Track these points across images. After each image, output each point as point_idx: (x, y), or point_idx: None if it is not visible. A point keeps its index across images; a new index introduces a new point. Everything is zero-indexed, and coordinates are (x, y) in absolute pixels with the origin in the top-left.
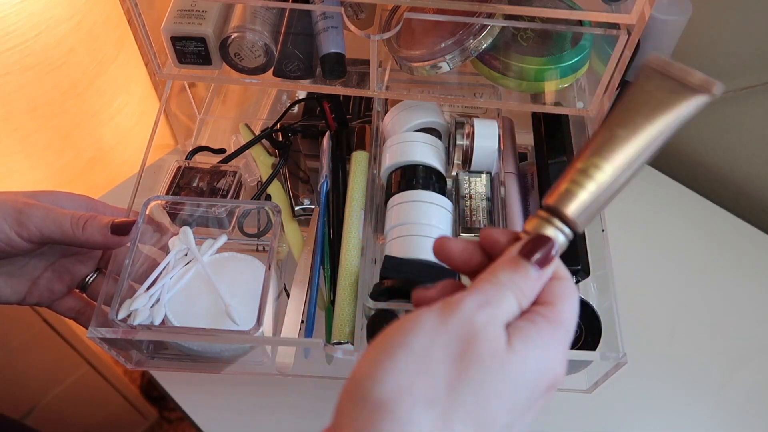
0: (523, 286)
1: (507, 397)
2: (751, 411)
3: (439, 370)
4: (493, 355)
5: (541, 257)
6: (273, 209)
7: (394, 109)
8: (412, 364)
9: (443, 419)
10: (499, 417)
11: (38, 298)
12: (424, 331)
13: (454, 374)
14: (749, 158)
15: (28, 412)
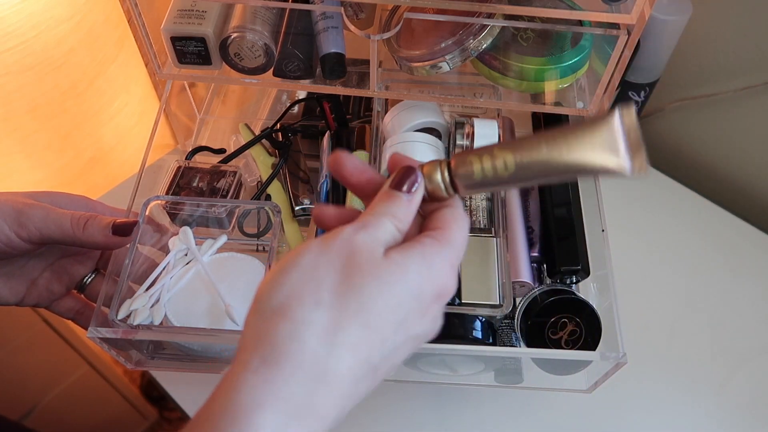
0: (395, 211)
1: (390, 301)
2: (751, 411)
3: (324, 278)
4: (371, 264)
5: (409, 184)
6: (273, 209)
7: (394, 109)
8: (302, 275)
9: (333, 320)
10: (387, 318)
11: (37, 299)
12: (310, 251)
13: (338, 281)
14: (749, 158)
15: (28, 412)
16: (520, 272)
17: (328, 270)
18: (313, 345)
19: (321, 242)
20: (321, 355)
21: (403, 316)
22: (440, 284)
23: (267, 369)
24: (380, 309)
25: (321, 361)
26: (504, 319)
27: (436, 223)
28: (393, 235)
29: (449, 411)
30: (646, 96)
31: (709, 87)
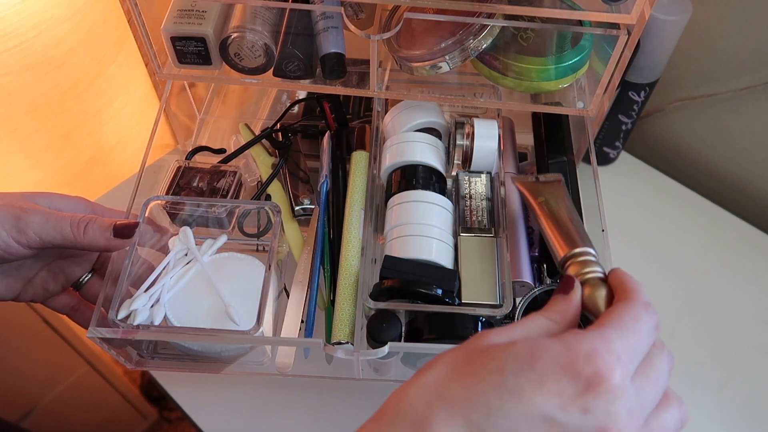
0: (550, 307)
1: (490, 364)
2: (751, 411)
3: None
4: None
5: (566, 287)
6: (273, 209)
7: (394, 109)
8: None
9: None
10: (485, 378)
11: (32, 296)
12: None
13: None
14: (749, 158)
15: (28, 412)
16: (520, 272)
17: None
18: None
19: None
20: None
21: (508, 378)
22: (564, 357)
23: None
24: (481, 373)
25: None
26: (504, 319)
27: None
28: (543, 325)
29: None
30: (646, 96)
31: (709, 87)
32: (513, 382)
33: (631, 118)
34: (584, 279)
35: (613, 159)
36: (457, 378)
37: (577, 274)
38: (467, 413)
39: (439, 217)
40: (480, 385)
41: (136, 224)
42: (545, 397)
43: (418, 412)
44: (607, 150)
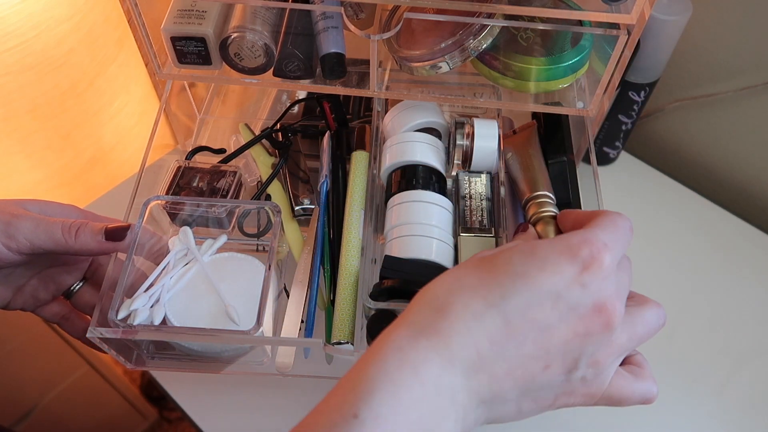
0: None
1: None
2: (751, 411)
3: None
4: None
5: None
6: (273, 209)
7: (394, 109)
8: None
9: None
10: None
11: (22, 304)
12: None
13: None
14: (749, 158)
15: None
16: None
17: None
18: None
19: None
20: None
21: (516, 267)
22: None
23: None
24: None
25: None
26: None
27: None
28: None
29: None
30: (646, 96)
31: (709, 87)
32: (521, 268)
33: (631, 118)
34: (539, 217)
35: (613, 159)
36: (472, 273)
37: (534, 213)
38: (484, 295)
39: (439, 217)
40: (492, 275)
41: (127, 227)
42: (549, 278)
43: (440, 300)
44: (607, 150)
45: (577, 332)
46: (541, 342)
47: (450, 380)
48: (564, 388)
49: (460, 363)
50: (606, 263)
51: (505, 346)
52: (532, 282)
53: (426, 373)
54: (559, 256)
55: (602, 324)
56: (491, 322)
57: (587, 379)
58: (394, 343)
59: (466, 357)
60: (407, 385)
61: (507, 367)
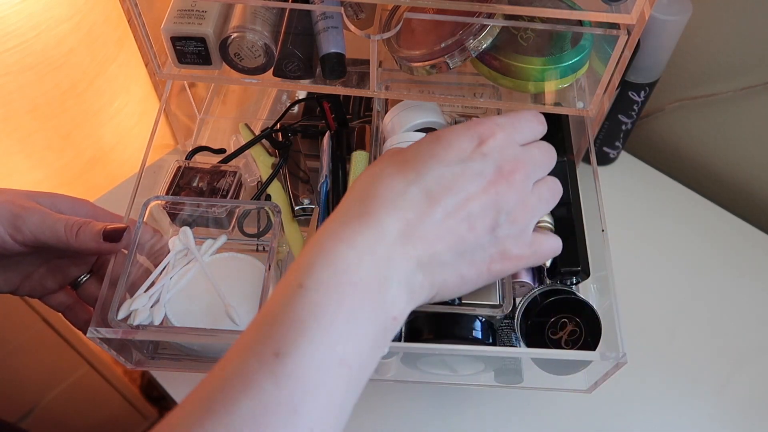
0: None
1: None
2: (751, 411)
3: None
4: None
5: None
6: (273, 209)
7: (394, 109)
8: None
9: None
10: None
11: (29, 290)
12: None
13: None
14: (749, 158)
15: (28, 412)
16: (520, 272)
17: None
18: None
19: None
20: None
21: (423, 150)
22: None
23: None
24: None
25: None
26: (504, 319)
27: None
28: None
29: (449, 411)
30: (646, 96)
31: (709, 87)
32: (428, 150)
33: (631, 118)
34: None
35: (613, 159)
36: (389, 164)
37: None
38: (404, 175)
39: None
40: (406, 160)
41: (125, 228)
42: (454, 152)
43: (365, 189)
44: (607, 150)
45: (488, 193)
46: (460, 205)
47: (384, 248)
48: (495, 247)
49: (391, 233)
50: (499, 136)
51: (430, 213)
52: (440, 158)
53: (360, 244)
54: (459, 135)
55: (506, 184)
56: (413, 195)
57: (511, 236)
58: (327, 231)
59: (396, 228)
60: (344, 255)
61: (436, 231)
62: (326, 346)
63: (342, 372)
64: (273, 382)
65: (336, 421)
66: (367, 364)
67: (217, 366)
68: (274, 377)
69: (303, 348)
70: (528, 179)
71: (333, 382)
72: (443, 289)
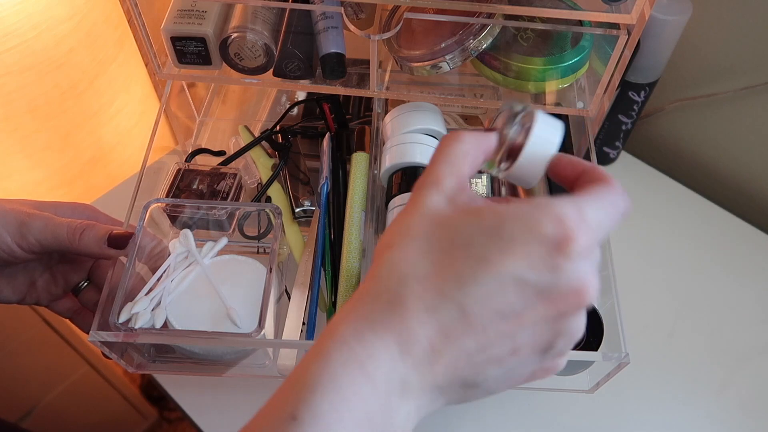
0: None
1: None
2: (751, 411)
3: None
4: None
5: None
6: (273, 211)
7: (394, 111)
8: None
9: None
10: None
11: (36, 298)
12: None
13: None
14: (749, 158)
15: (28, 412)
16: None
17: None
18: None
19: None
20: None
21: (477, 249)
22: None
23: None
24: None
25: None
26: None
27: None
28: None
29: (450, 411)
30: (646, 96)
31: (709, 87)
32: (480, 251)
33: (631, 118)
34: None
35: (613, 159)
36: (426, 256)
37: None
38: (440, 285)
39: None
40: (449, 260)
41: (130, 235)
42: (514, 261)
43: (391, 291)
44: (607, 150)
45: (548, 316)
46: (505, 330)
47: (400, 375)
48: (541, 365)
49: (412, 358)
50: (583, 240)
51: (462, 338)
52: (494, 268)
53: (373, 368)
54: (529, 235)
55: (577, 304)
56: (446, 314)
57: (563, 351)
58: (341, 338)
59: (418, 351)
60: (352, 381)
61: (466, 356)
62: None
63: None
64: None
65: None
66: None
67: None
68: None
69: None
70: (596, 290)
71: None
72: (462, 401)
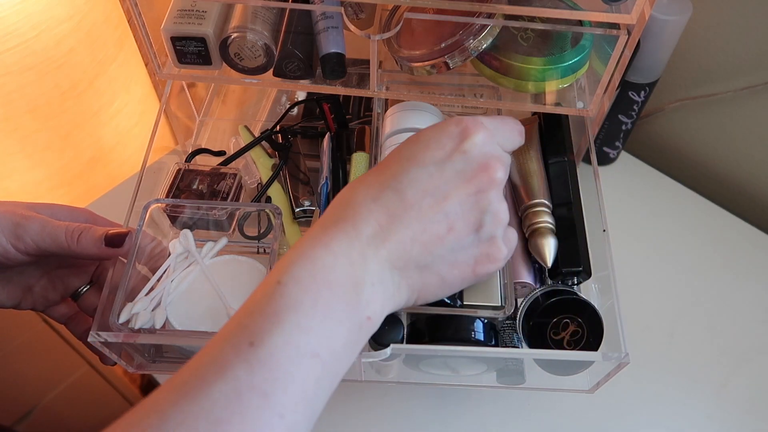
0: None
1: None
2: (751, 411)
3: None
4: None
5: None
6: (273, 211)
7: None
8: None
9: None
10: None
11: (32, 304)
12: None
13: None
14: (749, 158)
15: (28, 412)
16: (521, 273)
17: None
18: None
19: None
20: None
21: (403, 154)
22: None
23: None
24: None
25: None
26: (506, 320)
27: None
28: None
29: (451, 412)
30: (646, 96)
31: (709, 87)
32: (407, 153)
33: (631, 118)
34: (534, 228)
35: (613, 159)
36: (370, 173)
37: (530, 223)
38: (381, 181)
39: None
40: (385, 166)
41: (126, 233)
42: (433, 153)
43: (344, 198)
44: (607, 150)
45: (469, 192)
46: (438, 206)
47: (358, 251)
48: (479, 248)
49: (366, 237)
50: (481, 133)
51: (404, 216)
52: (418, 161)
53: (336, 247)
54: (439, 133)
55: (488, 180)
56: (387, 199)
57: (497, 237)
58: (309, 236)
59: (369, 232)
60: (320, 256)
61: (411, 234)
62: (299, 338)
63: (314, 364)
64: (246, 369)
65: (306, 411)
66: (340, 360)
67: (196, 355)
68: (248, 364)
69: (276, 338)
70: (503, 171)
71: (304, 373)
72: (424, 291)
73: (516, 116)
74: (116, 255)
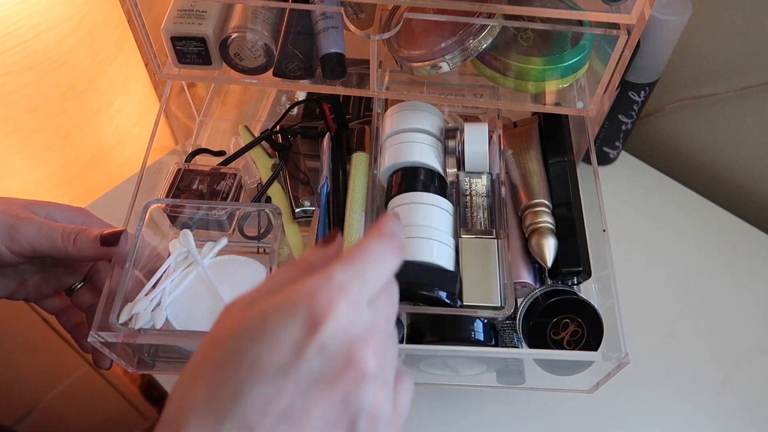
0: (307, 256)
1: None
2: (751, 411)
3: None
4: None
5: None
6: (273, 211)
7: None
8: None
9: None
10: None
11: (25, 296)
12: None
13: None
14: (749, 158)
15: (27, 412)
16: (521, 273)
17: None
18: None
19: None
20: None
21: (245, 355)
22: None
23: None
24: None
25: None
26: (506, 320)
27: None
28: (287, 274)
29: (451, 412)
30: (646, 96)
31: (709, 87)
32: (250, 354)
33: (631, 118)
34: (534, 228)
35: (613, 159)
36: (202, 376)
37: (530, 223)
38: (216, 407)
39: (439, 218)
40: (222, 374)
41: (121, 232)
42: (279, 353)
43: (174, 424)
44: (607, 150)
45: (333, 401)
46: (298, 430)
47: None
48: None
49: None
50: (339, 311)
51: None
52: (260, 368)
53: None
54: (285, 321)
55: (356, 377)
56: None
57: (380, 429)
58: None
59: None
60: None
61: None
62: None
63: None
64: None
65: None
66: None
67: None
68: None
69: None
70: (376, 354)
71: None
72: None
73: (516, 116)
74: (112, 254)
